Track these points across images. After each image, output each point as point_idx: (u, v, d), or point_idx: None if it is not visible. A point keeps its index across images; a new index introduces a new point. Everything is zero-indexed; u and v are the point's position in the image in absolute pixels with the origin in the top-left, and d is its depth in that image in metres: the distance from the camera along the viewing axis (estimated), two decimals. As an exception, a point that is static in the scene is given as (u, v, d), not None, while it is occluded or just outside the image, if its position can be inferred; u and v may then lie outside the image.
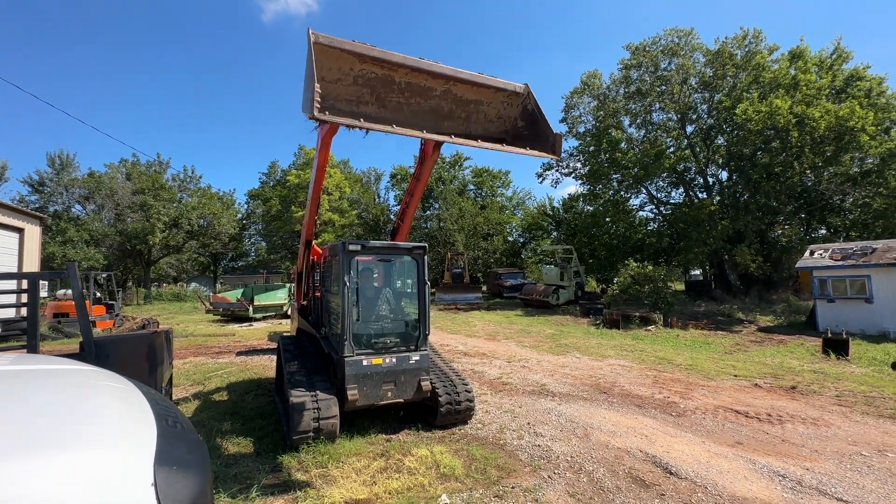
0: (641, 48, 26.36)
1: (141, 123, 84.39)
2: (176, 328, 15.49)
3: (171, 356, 6.07)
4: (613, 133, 26.80)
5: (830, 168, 19.91)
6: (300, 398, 4.54)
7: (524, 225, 43.35)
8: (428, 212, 41.44)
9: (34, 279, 4.18)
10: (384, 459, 4.39)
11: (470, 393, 5.38)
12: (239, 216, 44.39)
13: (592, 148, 28.07)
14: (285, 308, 18.54)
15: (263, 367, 8.77)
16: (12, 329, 9.91)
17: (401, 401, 5.00)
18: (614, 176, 27.58)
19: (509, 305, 24.64)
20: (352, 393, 4.62)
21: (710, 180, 26.89)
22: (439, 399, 5.14)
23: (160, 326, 11.53)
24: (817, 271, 14.51)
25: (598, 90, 28.80)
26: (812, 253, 15.66)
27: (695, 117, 26.46)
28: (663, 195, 29.87)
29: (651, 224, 30.70)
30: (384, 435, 5.05)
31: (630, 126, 28.54)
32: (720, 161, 25.83)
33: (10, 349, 4.84)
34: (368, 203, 41.43)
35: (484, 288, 32.17)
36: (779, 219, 23.16)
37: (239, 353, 10.52)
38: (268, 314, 18.59)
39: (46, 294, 22.83)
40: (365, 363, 4.76)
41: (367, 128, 3.52)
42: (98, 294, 15.80)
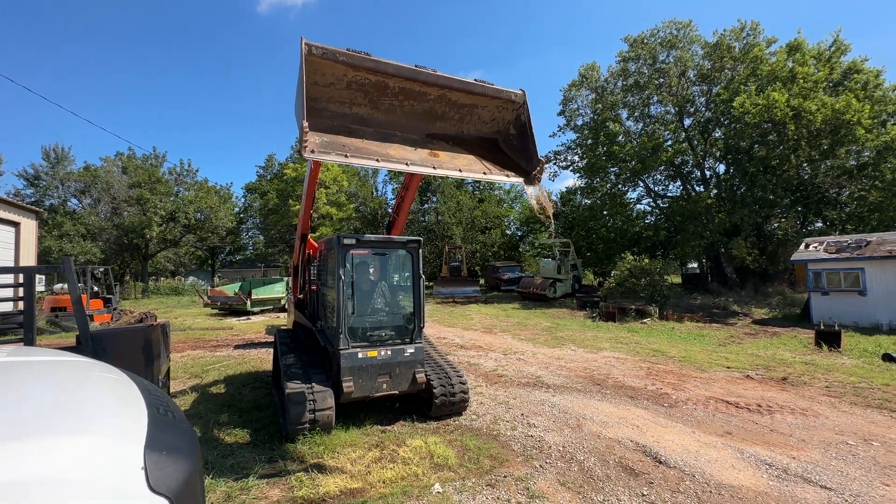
0: (640, 40, 26.23)
1: (135, 117, 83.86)
2: (174, 322, 15.54)
3: (169, 349, 6.12)
4: (611, 126, 26.77)
5: (827, 161, 19.95)
6: (296, 390, 4.61)
7: (522, 218, 43.35)
8: (426, 205, 41.40)
9: (30, 273, 4.21)
10: (379, 450, 4.46)
11: (464, 385, 5.45)
12: (236, 210, 44.29)
13: (590, 141, 28.07)
14: (283, 302, 18.59)
15: (261, 360, 8.84)
16: (9, 323, 9.93)
17: (396, 393, 5.07)
18: (612, 169, 27.61)
19: (507, 299, 24.74)
20: (347, 385, 4.69)
21: (708, 173, 26.91)
22: (434, 391, 5.21)
23: (158, 320, 11.55)
24: (812, 264, 14.62)
25: (597, 83, 28.69)
26: (807, 246, 15.76)
27: (692, 110, 26.41)
28: (660, 188, 29.95)
29: (648, 217, 30.77)
30: (379, 426, 5.12)
31: (628, 119, 28.51)
32: (717, 154, 25.83)
33: (8, 342, 4.88)
34: (366, 197, 41.31)
35: (481, 281, 32.26)
36: (775, 212, 23.24)
37: (237, 347, 10.59)
38: (265, 308, 18.66)
39: (44, 288, 22.83)
40: (360, 356, 4.82)
41: (353, 164, 3.61)
42: (95, 288, 15.81)
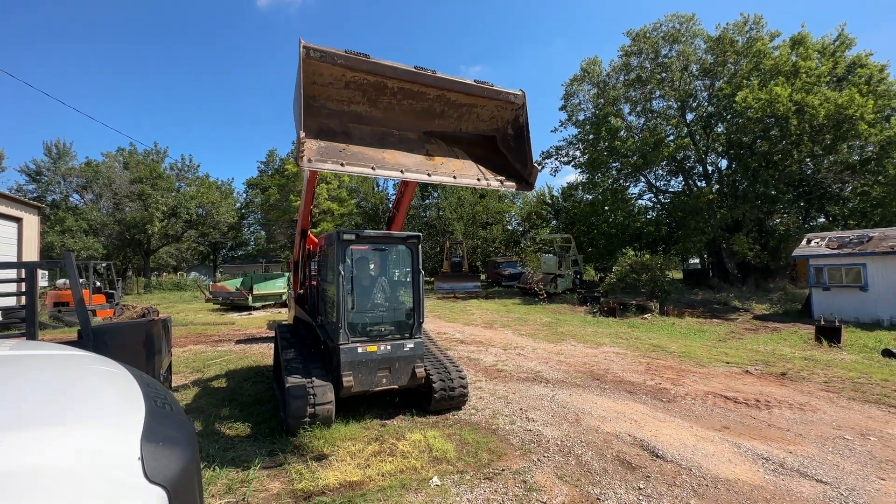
0: (642, 34, 26.07)
1: (136, 113, 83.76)
2: (176, 317, 15.62)
3: (170, 344, 6.17)
4: (613, 121, 26.66)
5: (830, 156, 19.86)
6: (297, 384, 4.64)
7: (523, 214, 43.34)
8: (427, 201, 41.39)
9: (32, 268, 4.24)
10: (378, 444, 4.50)
11: (464, 379, 5.48)
12: (238, 205, 44.34)
13: (591, 136, 27.96)
14: (284, 297, 18.65)
15: (262, 355, 8.89)
16: (12, 317, 10.03)
17: (395, 387, 5.10)
18: (613, 164, 27.53)
19: (507, 294, 24.79)
20: (347, 379, 4.72)
21: (710, 168, 26.82)
22: (433, 385, 5.24)
23: (160, 315, 11.63)
24: (814, 259, 14.60)
25: (598, 77, 28.56)
26: (809, 241, 15.73)
27: (695, 105, 26.28)
28: (662, 183, 29.87)
29: (650, 213, 30.72)
30: (379, 420, 5.15)
31: (630, 114, 28.39)
32: (720, 149, 25.73)
33: (10, 336, 4.93)
34: (367, 192, 41.32)
35: (482, 277, 32.31)
36: (777, 207, 23.18)
37: (238, 342, 10.64)
38: (267, 303, 18.72)
39: (46, 284, 22.93)
40: (360, 350, 4.85)
41: (349, 172, 3.64)
42: (98, 283, 15.88)
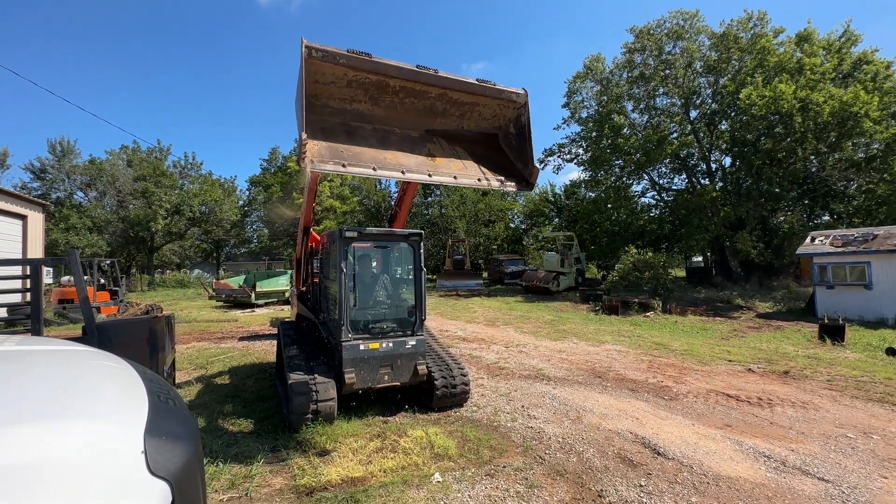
0: (645, 31, 25.92)
1: (139, 111, 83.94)
2: (179, 314, 15.70)
3: (174, 341, 6.21)
4: (616, 118, 26.55)
5: (835, 154, 19.73)
6: (299, 381, 4.66)
7: (526, 212, 43.25)
8: (429, 198, 41.34)
9: (36, 265, 4.27)
10: (380, 440, 4.52)
11: (465, 377, 5.49)
12: (241, 203, 44.45)
13: (595, 133, 27.86)
14: (287, 294, 18.69)
15: (265, 352, 8.93)
16: (17, 314, 10.09)
17: (397, 384, 5.12)
18: (616, 162, 27.42)
19: (510, 292, 24.77)
20: (349, 376, 4.74)
21: (713, 166, 26.70)
22: (435, 382, 5.25)
23: (163, 312, 11.68)
24: (818, 258, 14.52)
25: (602, 75, 28.41)
26: (813, 239, 15.65)
27: (699, 102, 26.14)
28: (665, 181, 29.75)
29: (653, 210, 30.59)
30: (381, 417, 5.17)
31: (633, 111, 28.25)
32: (723, 147, 25.59)
33: (16, 332, 4.97)
34: (369, 190, 41.31)
35: (485, 274, 32.29)
36: (781, 205, 23.04)
37: (241, 339, 10.69)
38: (270, 300, 18.78)
39: (52, 280, 23.07)
40: (362, 347, 4.87)
41: (351, 173, 3.64)
42: (102, 280, 15.97)
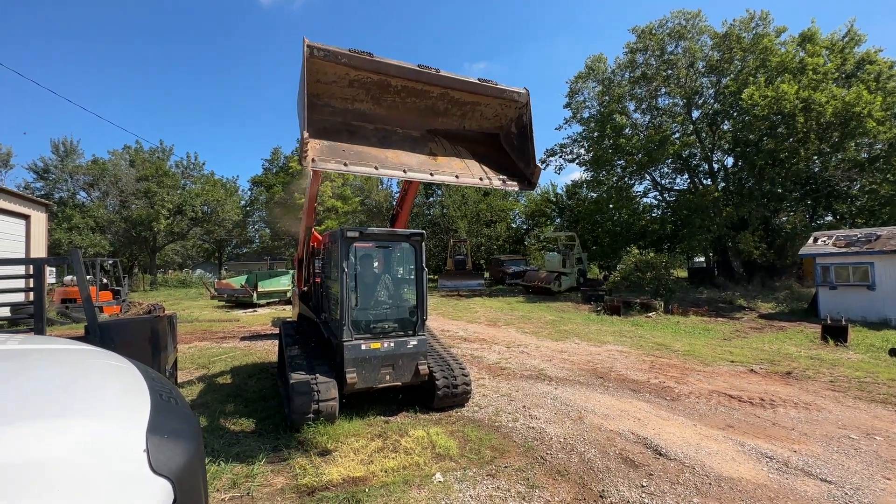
0: (648, 31, 25.88)
1: (140, 110, 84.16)
2: (181, 314, 15.74)
3: (176, 340, 6.22)
4: (618, 119, 26.50)
5: (837, 154, 19.65)
6: (301, 381, 4.67)
7: (527, 212, 43.23)
8: (431, 198, 41.37)
9: (40, 264, 4.29)
10: (382, 440, 4.52)
11: (467, 377, 5.49)
12: (242, 203, 44.54)
13: (596, 134, 27.82)
14: (289, 294, 18.72)
15: (266, 352, 8.94)
16: (20, 313, 10.15)
17: (399, 384, 5.12)
18: (618, 162, 27.37)
19: (511, 292, 24.75)
20: (350, 376, 4.74)
21: (716, 166, 26.63)
22: (436, 382, 5.25)
23: (165, 312, 11.72)
24: (820, 258, 14.47)
25: (603, 75, 28.37)
26: (816, 240, 15.59)
27: (701, 102, 26.08)
28: (667, 181, 29.68)
29: (655, 211, 30.52)
30: (382, 417, 5.18)
31: (635, 111, 28.21)
32: (726, 147, 25.52)
33: (19, 332, 4.99)
34: (371, 190, 41.34)
35: (486, 275, 32.27)
36: (784, 205, 22.96)
37: (243, 338, 10.71)
38: (271, 300, 18.81)
39: (54, 280, 23.16)
40: (363, 347, 4.87)
41: (352, 172, 3.65)
42: (104, 280, 16.02)
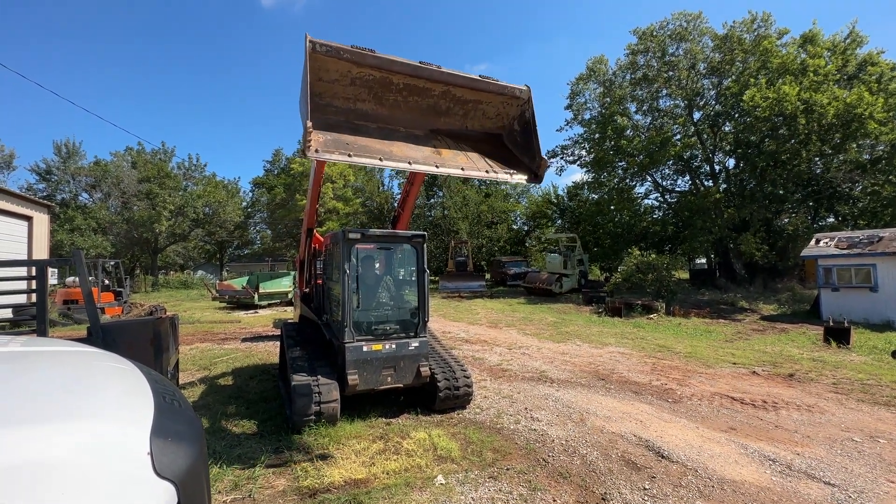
0: (649, 33, 25.89)
1: (141, 111, 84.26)
2: (183, 315, 15.75)
3: (178, 342, 6.22)
4: (619, 120, 26.49)
5: (839, 156, 19.62)
6: (302, 382, 4.67)
7: (528, 213, 43.22)
8: (432, 200, 41.40)
9: (42, 266, 4.29)
10: (383, 442, 4.51)
11: (468, 379, 5.49)
12: (244, 204, 44.62)
13: (597, 135, 27.80)
14: (290, 295, 18.73)
15: (268, 353, 8.94)
16: (23, 314, 10.16)
17: (400, 386, 5.12)
18: (619, 163, 27.35)
19: (512, 294, 24.73)
20: (352, 378, 4.74)
21: (717, 168, 26.58)
22: (438, 384, 5.25)
23: (167, 313, 11.73)
24: (822, 260, 14.44)
25: (605, 76, 28.38)
26: (818, 241, 15.55)
27: (702, 103, 26.05)
28: (669, 183, 29.64)
29: (656, 212, 30.49)
30: (384, 419, 5.17)
31: (636, 113, 28.19)
32: (727, 148, 25.47)
33: (21, 333, 4.99)
34: (372, 191, 41.38)
35: (487, 276, 32.26)
36: (785, 207, 22.91)
37: (244, 340, 10.72)
38: (273, 301, 18.83)
39: (56, 281, 23.22)
40: (365, 349, 4.87)
41: (356, 163, 3.67)
42: (106, 281, 16.06)
